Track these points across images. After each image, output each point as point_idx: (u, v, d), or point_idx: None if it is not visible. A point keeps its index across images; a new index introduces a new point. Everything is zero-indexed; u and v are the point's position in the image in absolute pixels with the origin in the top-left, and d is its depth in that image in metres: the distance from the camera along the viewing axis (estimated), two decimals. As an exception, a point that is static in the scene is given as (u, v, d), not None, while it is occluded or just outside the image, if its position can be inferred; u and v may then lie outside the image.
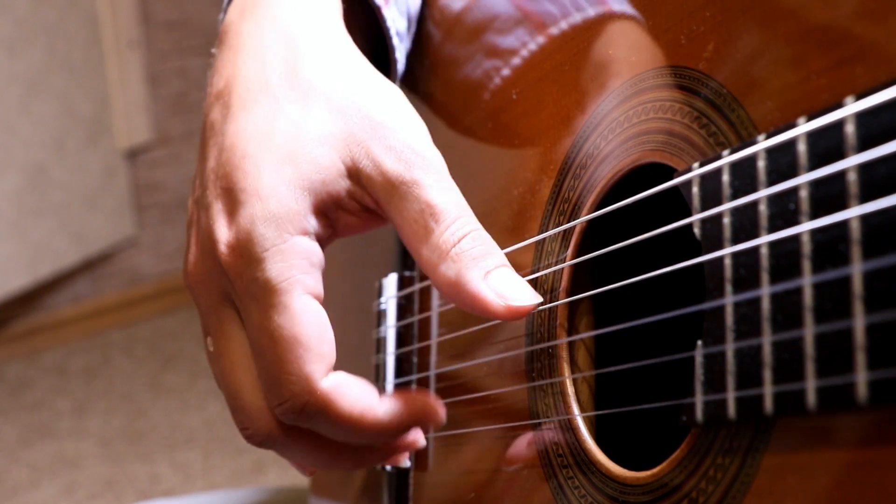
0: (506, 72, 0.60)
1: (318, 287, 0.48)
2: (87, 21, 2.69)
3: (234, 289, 0.49)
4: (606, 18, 0.51)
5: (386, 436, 0.50)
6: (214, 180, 0.50)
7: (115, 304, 2.96)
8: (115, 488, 2.30)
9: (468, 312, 0.59)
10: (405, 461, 0.60)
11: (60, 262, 2.73)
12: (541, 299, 0.48)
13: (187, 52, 2.97)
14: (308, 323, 0.47)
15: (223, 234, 0.48)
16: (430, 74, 0.68)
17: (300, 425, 0.49)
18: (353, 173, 0.49)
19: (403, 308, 0.68)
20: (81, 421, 2.54)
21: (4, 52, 2.45)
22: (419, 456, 0.65)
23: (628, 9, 0.50)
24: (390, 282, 0.69)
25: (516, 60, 0.59)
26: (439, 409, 0.51)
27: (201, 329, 0.55)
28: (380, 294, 0.71)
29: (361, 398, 0.48)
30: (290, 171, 0.48)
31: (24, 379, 2.71)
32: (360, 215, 0.51)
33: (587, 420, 0.50)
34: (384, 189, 0.48)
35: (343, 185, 0.49)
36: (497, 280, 0.47)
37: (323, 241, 0.50)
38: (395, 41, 0.63)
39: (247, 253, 0.47)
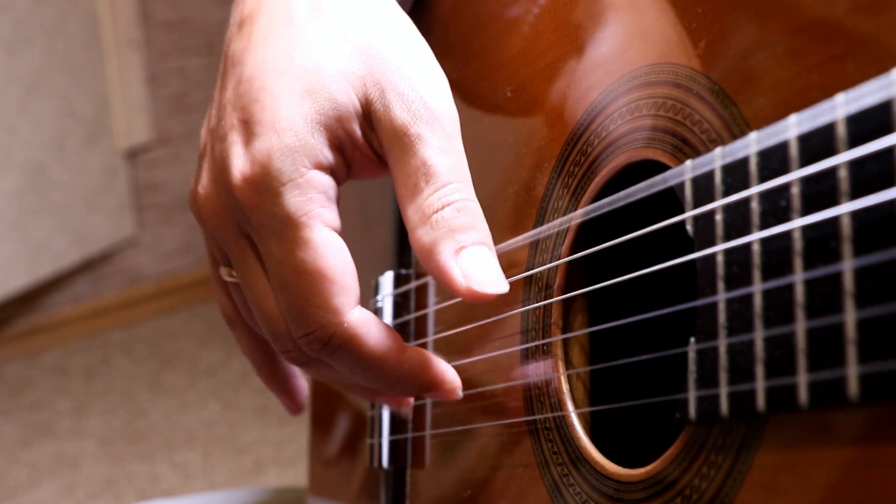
0: (500, 69, 0.60)
1: (337, 221, 0.48)
2: (87, 21, 2.70)
3: (249, 222, 0.48)
4: (598, 16, 0.51)
5: (402, 386, 0.50)
6: (231, 111, 0.49)
7: (115, 304, 2.96)
8: (115, 488, 2.30)
9: (466, 306, 0.60)
10: (408, 412, 0.60)
11: (60, 262, 2.73)
12: (506, 289, 0.47)
13: (187, 52, 2.97)
14: (332, 255, 0.47)
15: (238, 165, 0.48)
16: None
17: (322, 357, 0.49)
18: (367, 113, 0.48)
19: (400, 306, 0.68)
20: (81, 421, 2.54)
21: (4, 52, 2.45)
22: (416, 454, 0.65)
23: (620, 6, 0.50)
24: (386, 279, 0.69)
25: (510, 58, 0.59)
26: (458, 382, 0.51)
27: (209, 258, 0.55)
28: (376, 292, 0.71)
29: (388, 339, 0.48)
30: (307, 105, 0.48)
31: (24, 379, 2.71)
32: (372, 158, 0.50)
33: (582, 417, 0.50)
34: (388, 137, 0.48)
35: (358, 123, 0.49)
36: (467, 258, 0.46)
37: (339, 176, 0.49)
38: None
39: (263, 186, 0.47)
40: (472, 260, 0.46)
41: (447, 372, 0.51)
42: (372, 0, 0.52)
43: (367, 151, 0.50)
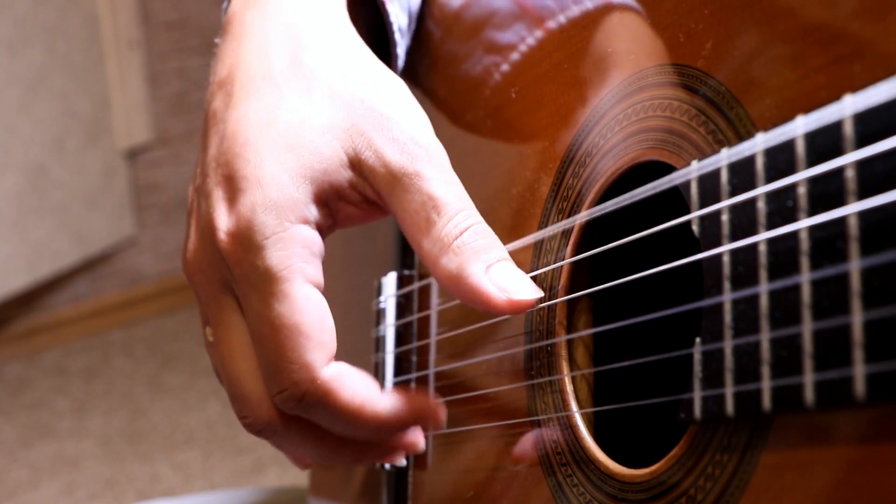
0: (505, 70, 0.60)
1: (319, 276, 0.48)
2: (87, 21, 2.70)
3: (233, 276, 0.48)
4: (605, 16, 0.51)
5: (385, 431, 0.50)
6: (215, 168, 0.50)
7: (114, 304, 2.96)
8: (115, 488, 2.30)
9: (469, 307, 0.60)
10: (401, 460, 0.60)
11: (60, 262, 2.73)
12: (542, 294, 0.47)
13: (187, 52, 2.97)
14: (309, 311, 0.47)
15: (223, 220, 0.48)
16: (429, 72, 0.68)
17: (299, 414, 0.49)
18: (356, 164, 0.49)
19: (403, 307, 0.68)
20: (81, 421, 2.54)
21: (4, 52, 2.45)
22: (418, 455, 0.65)
23: (627, 6, 0.50)
24: (389, 280, 0.69)
25: (515, 58, 0.59)
26: (440, 411, 0.51)
27: (200, 319, 0.55)
28: (379, 293, 0.71)
29: (362, 390, 0.48)
30: (291, 160, 0.48)
31: (24, 379, 2.71)
32: (361, 206, 0.51)
33: (586, 418, 0.50)
34: (386, 181, 0.48)
35: (345, 175, 0.49)
36: (498, 273, 0.46)
37: (324, 230, 0.50)
38: (398, 37, 0.63)
39: (247, 240, 0.47)
40: (503, 274, 0.47)
41: (426, 408, 0.51)
42: (350, 51, 0.52)
43: (355, 201, 0.50)
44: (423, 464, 0.64)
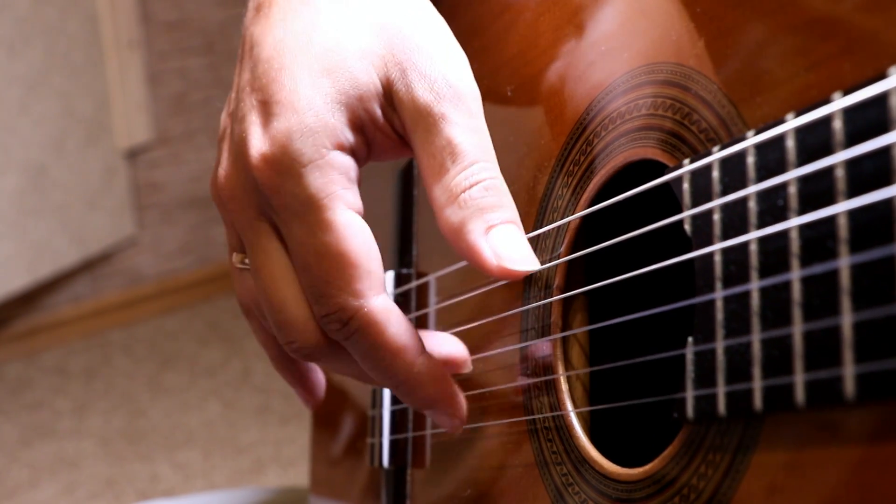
0: (500, 68, 0.60)
1: (359, 202, 0.48)
2: (87, 21, 2.70)
3: (270, 204, 0.47)
4: (597, 15, 0.51)
5: (407, 388, 0.49)
6: (250, 92, 0.48)
7: (115, 304, 2.96)
8: (115, 488, 2.30)
9: (467, 307, 0.60)
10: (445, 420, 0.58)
11: (60, 262, 2.73)
12: (538, 266, 0.46)
13: (187, 52, 2.97)
14: (354, 239, 0.46)
15: (257, 146, 0.47)
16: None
17: (339, 340, 0.48)
18: (388, 93, 0.48)
19: (401, 306, 0.68)
20: (81, 421, 2.54)
21: (4, 52, 2.45)
22: (416, 453, 0.65)
23: (620, 5, 0.50)
24: (387, 279, 0.69)
25: (508, 56, 0.59)
26: (461, 414, 0.50)
27: (228, 246, 0.54)
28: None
29: (406, 335, 0.48)
30: (327, 84, 0.47)
31: (24, 379, 2.71)
32: (393, 139, 0.49)
33: (581, 417, 0.50)
34: (412, 117, 0.47)
35: (378, 103, 0.48)
36: (498, 237, 0.46)
37: (360, 158, 0.49)
38: None
39: (284, 167, 0.46)
40: (503, 238, 0.46)
41: (457, 396, 0.50)
42: None
43: (387, 132, 0.49)
44: (422, 462, 0.64)
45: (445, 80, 0.47)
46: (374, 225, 0.76)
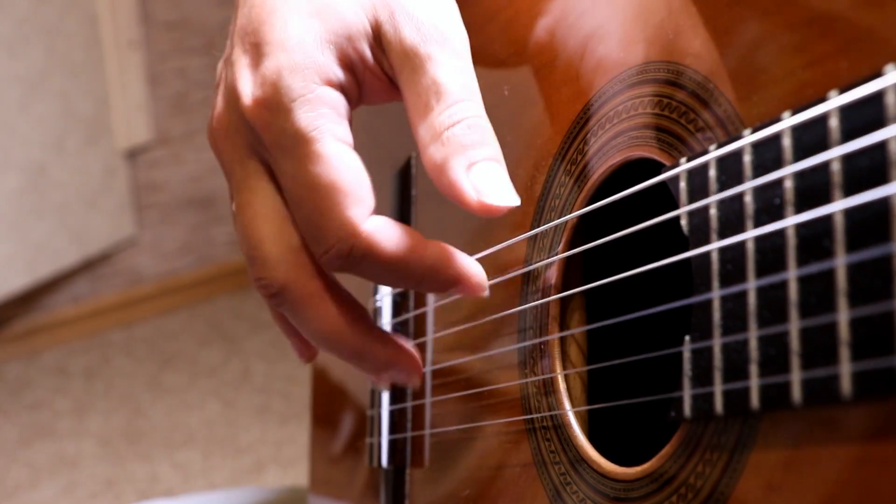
0: (496, 68, 0.60)
1: (348, 136, 0.48)
2: (87, 21, 2.70)
3: (261, 142, 0.48)
4: (594, 14, 0.51)
5: (429, 281, 0.49)
6: (243, 37, 0.50)
7: (114, 304, 2.96)
8: (115, 488, 2.30)
9: (464, 302, 0.60)
10: (384, 385, 0.58)
11: (60, 262, 2.73)
12: (518, 202, 0.46)
13: (187, 52, 2.97)
14: (344, 168, 0.47)
15: (248, 85, 0.48)
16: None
17: (347, 271, 0.48)
18: (377, 34, 0.49)
19: (399, 304, 0.68)
20: (81, 421, 2.54)
21: (4, 52, 2.45)
22: (415, 453, 0.65)
23: (616, 3, 0.50)
24: (384, 279, 0.69)
25: (505, 56, 0.59)
26: (482, 280, 0.50)
27: (230, 193, 0.54)
28: (375, 291, 0.71)
29: (406, 239, 0.48)
30: (316, 24, 0.48)
31: (24, 379, 2.71)
32: (383, 80, 0.50)
33: (579, 416, 0.50)
34: (399, 57, 0.48)
35: (367, 43, 0.49)
36: (478, 173, 0.46)
37: (350, 97, 0.50)
38: None
39: (273, 104, 0.47)
40: (484, 175, 0.46)
41: (472, 266, 0.50)
42: None
43: (377, 73, 0.50)
44: (421, 462, 0.64)
45: (432, 21, 0.48)
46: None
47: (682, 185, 0.40)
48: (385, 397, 0.69)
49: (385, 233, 0.47)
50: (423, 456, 0.64)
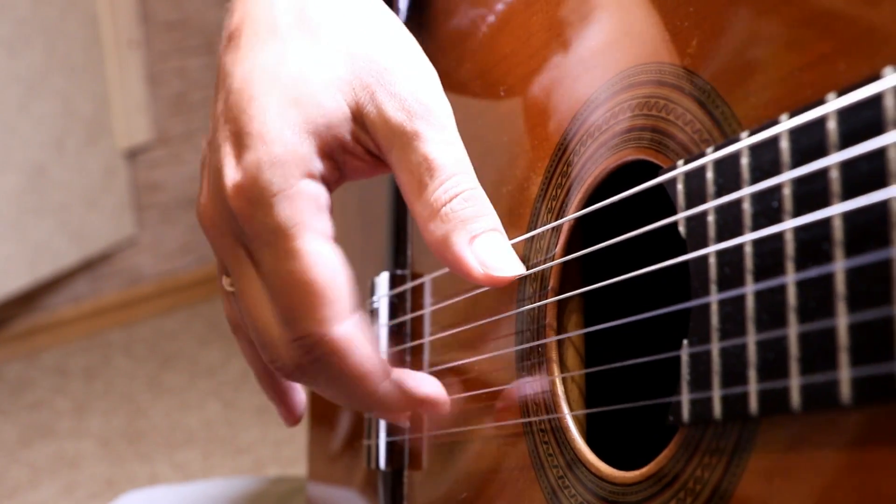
0: (493, 69, 0.60)
1: (329, 229, 0.48)
2: (87, 21, 2.69)
3: (244, 232, 0.49)
4: (589, 15, 0.51)
5: (378, 412, 0.50)
6: (223, 123, 0.50)
7: (114, 304, 2.96)
8: (114, 488, 2.30)
9: (462, 309, 0.59)
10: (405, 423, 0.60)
11: (60, 262, 2.73)
12: (523, 271, 0.48)
13: (187, 52, 2.97)
14: (320, 267, 0.47)
15: (231, 177, 0.48)
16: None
17: (307, 365, 0.49)
18: (358, 117, 0.49)
19: (395, 307, 0.68)
20: (81, 421, 2.54)
21: (4, 52, 2.45)
22: (413, 456, 0.65)
23: (612, 5, 0.49)
24: (382, 280, 0.69)
25: (501, 57, 0.59)
26: (442, 405, 0.51)
27: (217, 269, 0.56)
28: (372, 293, 0.71)
29: (369, 362, 0.48)
30: (295, 114, 0.48)
31: (24, 379, 2.71)
32: (366, 159, 0.51)
33: (577, 419, 0.50)
34: (386, 137, 0.48)
35: (348, 128, 0.49)
36: (482, 246, 0.47)
37: (331, 183, 0.50)
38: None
39: (254, 198, 0.47)
40: (487, 247, 0.47)
41: (426, 403, 0.51)
42: (357, 3, 0.52)
43: (360, 154, 0.50)
44: (419, 464, 0.64)
45: (416, 97, 0.48)
46: (370, 226, 0.76)
47: (680, 187, 0.40)
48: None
49: (353, 343, 0.48)
50: (420, 458, 0.64)
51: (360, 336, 0.48)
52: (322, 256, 0.47)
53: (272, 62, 0.49)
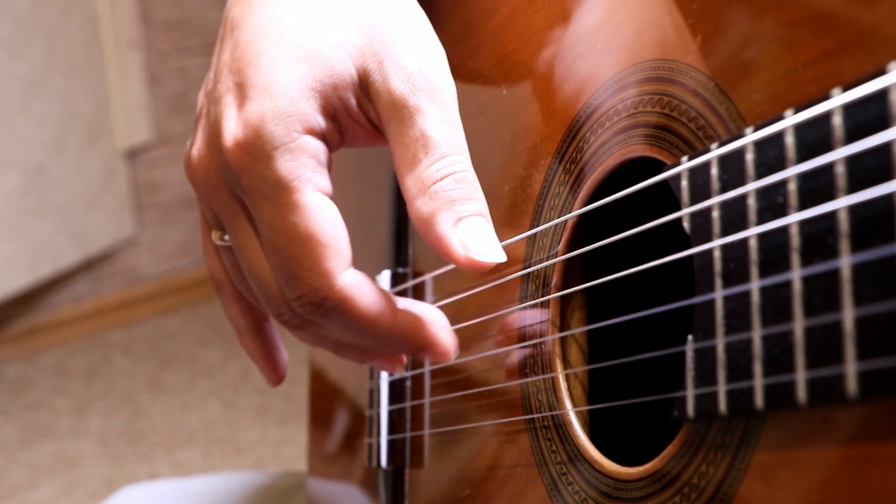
0: (495, 66, 0.60)
1: (328, 185, 0.48)
2: (87, 21, 2.70)
3: (241, 186, 0.48)
4: (594, 13, 0.51)
5: (394, 347, 0.50)
6: (228, 74, 0.49)
7: (114, 304, 2.96)
8: (114, 488, 2.29)
9: (463, 307, 0.59)
10: (402, 371, 0.60)
11: (60, 262, 2.73)
12: (503, 258, 0.47)
13: (187, 52, 2.97)
14: (322, 220, 0.47)
15: (231, 128, 0.48)
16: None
17: (315, 319, 0.49)
18: (364, 83, 0.49)
19: (397, 303, 0.68)
20: (81, 421, 2.54)
21: (4, 52, 2.45)
22: (414, 453, 0.65)
23: (616, 2, 0.50)
24: (383, 279, 0.69)
25: (505, 55, 0.59)
26: (449, 347, 0.50)
27: (201, 224, 0.55)
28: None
29: (378, 301, 0.48)
30: (303, 71, 0.48)
31: (24, 379, 2.71)
32: (366, 127, 0.51)
33: (580, 415, 0.50)
34: (387, 108, 0.48)
35: (353, 92, 0.49)
36: (466, 229, 0.46)
37: (332, 144, 0.50)
38: None
39: (255, 150, 0.47)
40: (471, 230, 0.46)
41: (440, 334, 0.50)
42: None
43: (361, 121, 0.50)
44: (420, 462, 0.64)
45: (421, 72, 0.48)
46: (371, 224, 0.76)
47: (684, 183, 0.40)
48: (384, 397, 0.69)
49: (359, 289, 0.48)
50: (422, 456, 0.64)
51: (362, 279, 0.48)
52: (323, 209, 0.47)
53: (284, 17, 0.49)
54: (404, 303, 0.50)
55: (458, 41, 0.64)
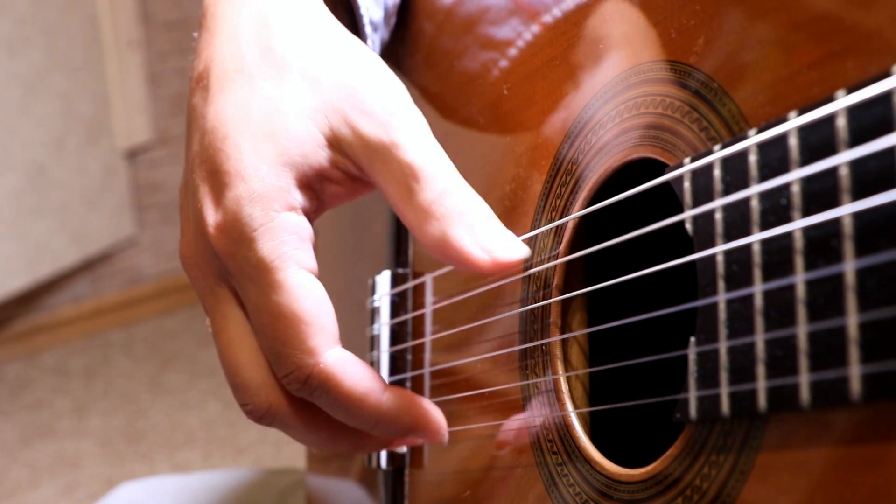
0: (496, 66, 0.59)
1: (311, 261, 0.49)
2: (87, 21, 2.70)
3: (228, 270, 0.49)
4: (596, 13, 0.51)
5: (384, 426, 0.50)
6: (199, 164, 0.50)
7: (115, 304, 2.96)
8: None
9: (461, 307, 0.59)
10: (402, 448, 0.60)
11: (60, 262, 2.73)
12: (528, 251, 0.47)
13: (187, 52, 2.96)
14: (305, 298, 0.47)
15: (211, 217, 0.49)
16: (423, 68, 0.68)
17: (304, 397, 0.50)
18: (333, 142, 0.49)
19: (397, 305, 0.68)
20: (81, 421, 2.54)
21: (4, 52, 2.45)
22: (415, 453, 0.65)
23: (618, 3, 0.49)
24: (383, 279, 0.68)
25: (507, 54, 0.59)
26: (441, 426, 0.51)
27: (205, 312, 0.56)
28: (373, 291, 0.71)
29: (365, 380, 0.49)
30: (270, 149, 0.48)
31: (24, 379, 2.71)
32: (345, 184, 0.51)
33: (581, 417, 0.50)
34: (365, 154, 0.48)
35: (324, 155, 0.49)
36: (482, 234, 0.46)
37: (310, 214, 0.50)
38: (368, 30, 0.63)
39: (236, 234, 0.48)
40: (487, 234, 0.46)
41: (430, 413, 0.51)
42: (320, 30, 0.52)
43: (338, 180, 0.50)
44: (420, 463, 0.64)
45: (387, 110, 0.48)
46: (370, 225, 0.75)
47: (687, 185, 0.40)
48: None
49: (344, 367, 0.48)
50: (421, 457, 0.64)
51: (349, 358, 0.49)
52: (306, 288, 0.48)
53: (243, 100, 0.50)
54: (394, 389, 0.51)
55: (458, 38, 0.63)
